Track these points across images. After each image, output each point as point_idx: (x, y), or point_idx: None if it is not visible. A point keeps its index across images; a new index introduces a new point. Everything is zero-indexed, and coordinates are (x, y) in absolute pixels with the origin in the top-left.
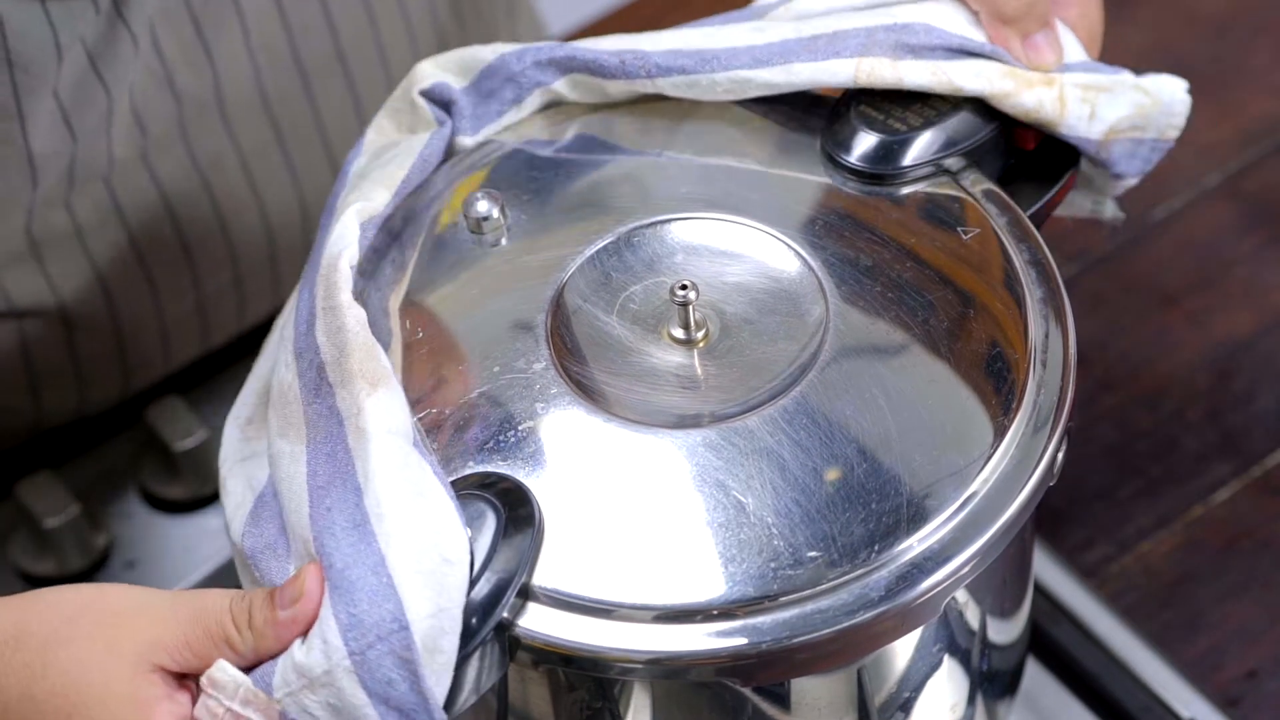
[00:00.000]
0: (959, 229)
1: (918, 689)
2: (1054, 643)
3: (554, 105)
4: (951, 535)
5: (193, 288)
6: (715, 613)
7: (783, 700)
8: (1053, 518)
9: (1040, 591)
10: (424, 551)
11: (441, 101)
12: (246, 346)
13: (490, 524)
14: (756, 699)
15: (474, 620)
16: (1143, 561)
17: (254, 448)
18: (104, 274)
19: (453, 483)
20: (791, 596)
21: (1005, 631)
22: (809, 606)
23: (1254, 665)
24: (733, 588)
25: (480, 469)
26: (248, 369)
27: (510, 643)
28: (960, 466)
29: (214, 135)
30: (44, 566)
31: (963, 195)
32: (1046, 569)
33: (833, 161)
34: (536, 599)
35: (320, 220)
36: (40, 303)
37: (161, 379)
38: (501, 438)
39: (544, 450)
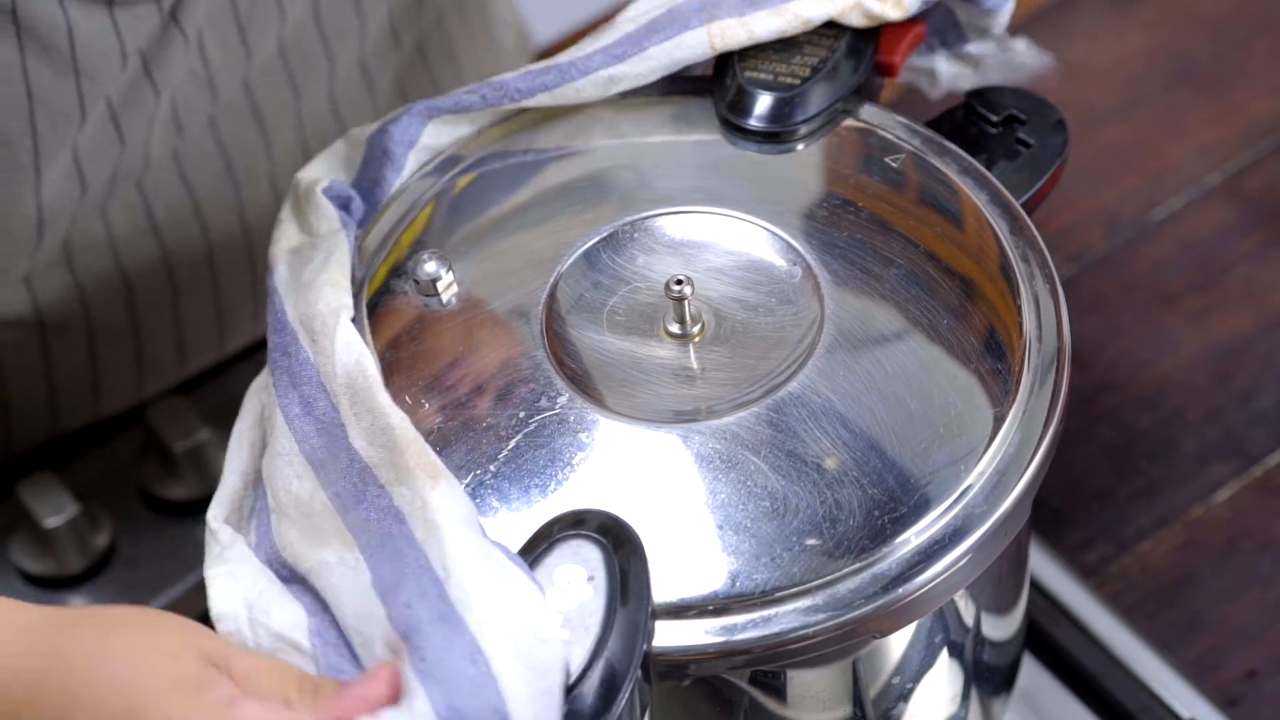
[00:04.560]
0: (889, 159)
1: (913, 683)
2: (1053, 642)
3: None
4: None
5: (213, 294)
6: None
7: (779, 693)
8: (1052, 518)
9: (1040, 591)
10: (518, 633)
11: (340, 199)
12: (258, 349)
13: (602, 565)
14: (753, 691)
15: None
16: (1143, 561)
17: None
18: (131, 282)
19: (549, 524)
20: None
21: (1001, 628)
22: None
23: (1254, 665)
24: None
25: (560, 509)
26: (251, 370)
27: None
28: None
29: (248, 135)
30: (44, 566)
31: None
32: (1046, 569)
33: (735, 128)
34: None
35: (268, 339)
36: (68, 313)
37: (174, 385)
38: (559, 478)
39: (597, 478)
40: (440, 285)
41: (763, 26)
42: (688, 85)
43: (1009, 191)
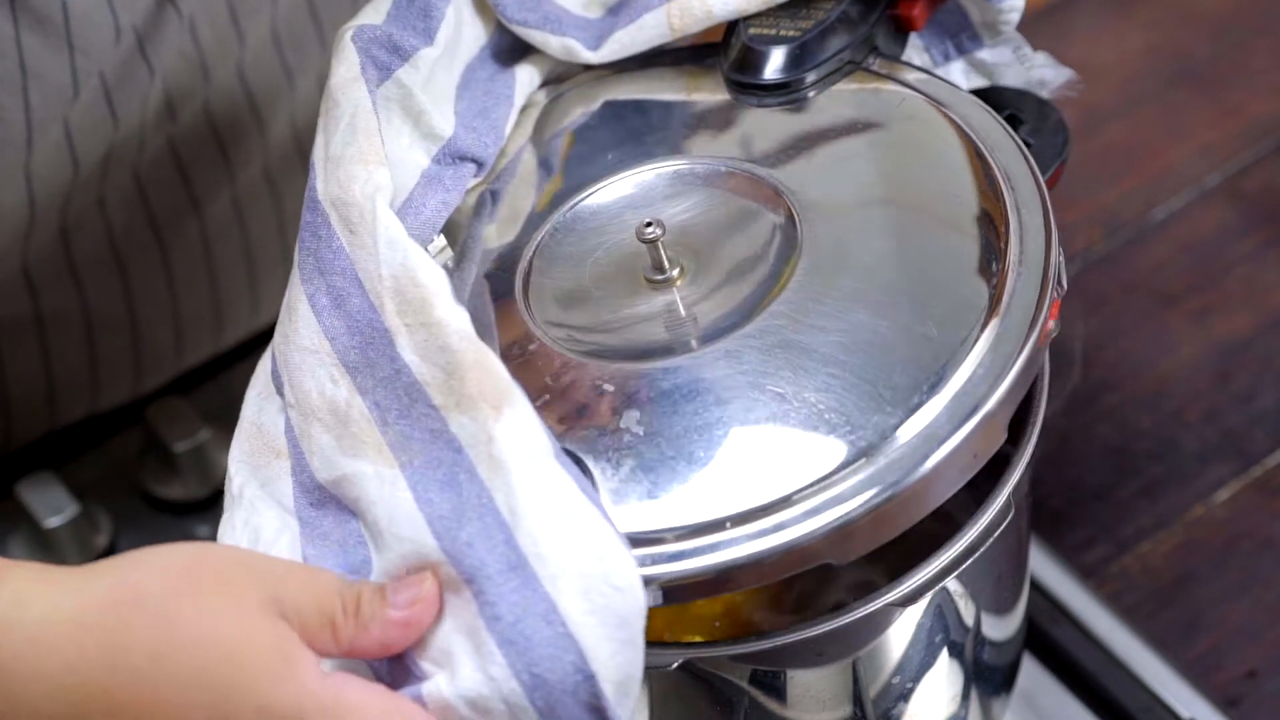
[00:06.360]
0: (889, 103)
1: (913, 683)
2: (1053, 642)
3: None
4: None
5: (209, 283)
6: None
7: (779, 693)
8: (1052, 518)
9: (1040, 591)
10: (592, 587)
11: (380, 42)
12: (255, 345)
13: None
14: (753, 691)
15: None
16: (1143, 561)
17: (268, 474)
18: (128, 272)
19: None
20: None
21: (1001, 628)
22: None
23: (1254, 665)
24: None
25: None
26: (251, 372)
27: None
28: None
29: (241, 122)
30: None
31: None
32: (1046, 569)
33: (741, 87)
34: None
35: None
36: (66, 303)
37: (171, 379)
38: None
39: (567, 413)
40: (432, 250)
41: (721, 4)
42: (697, 51)
43: None
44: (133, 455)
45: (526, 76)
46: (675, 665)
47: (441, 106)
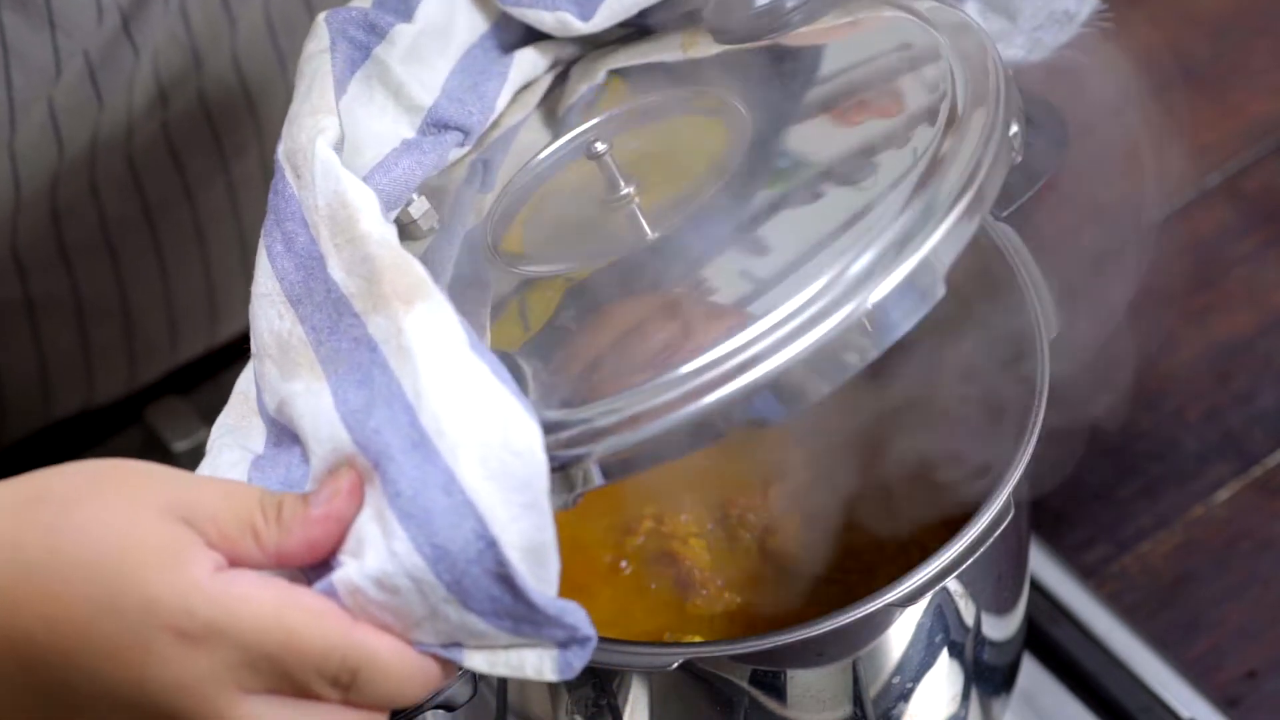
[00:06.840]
0: (867, 19)
1: (913, 683)
2: (1053, 642)
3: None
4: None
5: (203, 273)
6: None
7: (779, 693)
8: (1052, 518)
9: (1040, 591)
10: (490, 454)
11: (354, 21)
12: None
13: None
14: (753, 691)
15: None
16: (1143, 561)
17: (245, 429)
18: (120, 259)
19: None
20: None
21: (1001, 628)
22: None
23: (1254, 665)
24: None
25: None
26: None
27: None
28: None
29: (236, 110)
30: None
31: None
32: (1046, 569)
33: (724, 36)
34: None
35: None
36: (55, 287)
37: (167, 372)
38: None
39: (528, 326)
40: (416, 211)
41: None
42: (692, 15)
43: (1008, 190)
44: (132, 455)
45: (528, 60)
46: (675, 665)
47: (423, 77)
